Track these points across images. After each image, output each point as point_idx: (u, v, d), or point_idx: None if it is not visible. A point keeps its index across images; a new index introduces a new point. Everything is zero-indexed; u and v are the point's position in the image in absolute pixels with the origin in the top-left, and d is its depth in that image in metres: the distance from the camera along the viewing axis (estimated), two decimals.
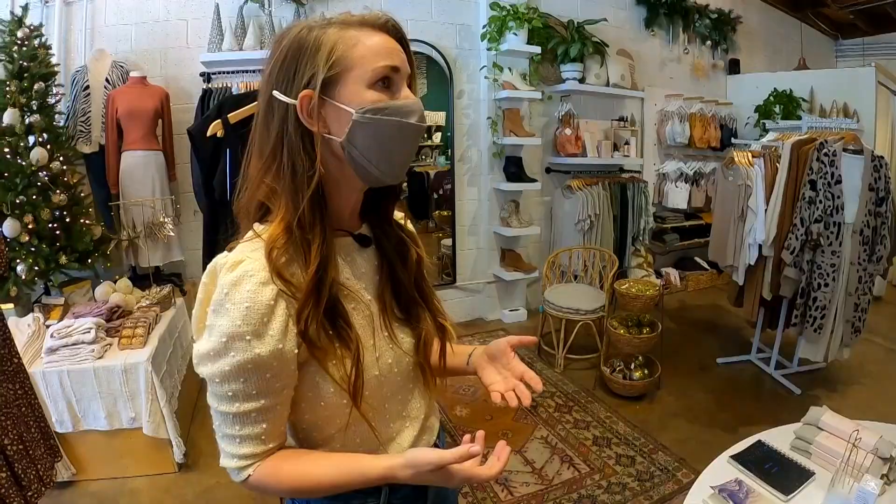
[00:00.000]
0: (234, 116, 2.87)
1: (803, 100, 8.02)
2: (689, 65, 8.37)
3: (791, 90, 8.04)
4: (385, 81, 1.12)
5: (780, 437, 2.48)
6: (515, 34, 6.01)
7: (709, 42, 8.44)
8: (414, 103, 1.15)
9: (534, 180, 6.47)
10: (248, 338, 1.03)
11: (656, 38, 7.97)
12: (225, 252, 1.13)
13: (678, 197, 7.67)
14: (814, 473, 2.22)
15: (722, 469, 2.30)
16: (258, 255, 1.08)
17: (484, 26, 6.12)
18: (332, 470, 1.13)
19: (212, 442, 2.69)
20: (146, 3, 5.22)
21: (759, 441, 2.46)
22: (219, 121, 2.92)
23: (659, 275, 7.76)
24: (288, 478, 1.14)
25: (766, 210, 4.74)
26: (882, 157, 4.58)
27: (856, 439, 2.06)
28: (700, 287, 8.07)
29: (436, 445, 1.42)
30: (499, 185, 6.43)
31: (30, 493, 2.60)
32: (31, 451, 2.68)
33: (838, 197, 4.40)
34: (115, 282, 4.44)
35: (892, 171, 7.62)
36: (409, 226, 1.45)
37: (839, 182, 4.41)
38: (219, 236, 3.13)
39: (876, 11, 9.61)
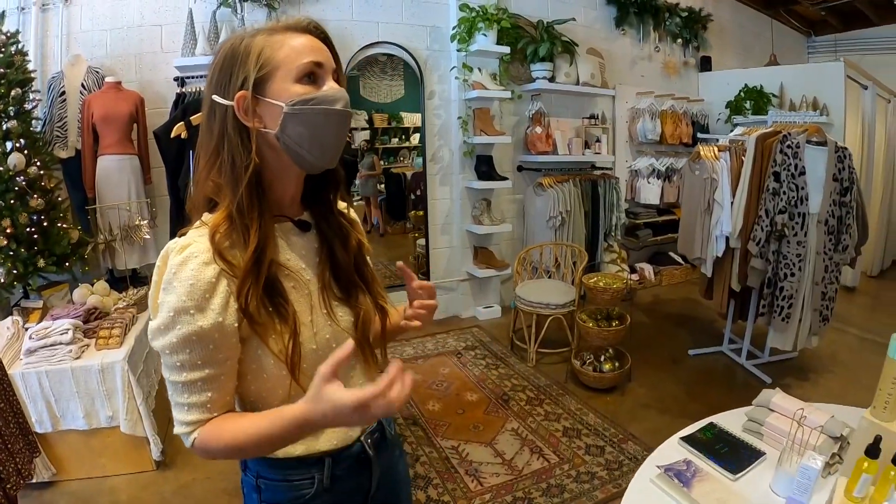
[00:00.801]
0: (196, 119, 3.03)
1: (773, 95, 8.21)
2: (661, 63, 8.54)
3: (761, 86, 8.24)
4: (311, 76, 1.25)
5: (732, 420, 2.53)
6: (485, 35, 6.14)
7: (680, 40, 8.61)
8: (338, 91, 1.27)
9: (504, 178, 6.61)
10: (192, 312, 1.16)
11: (627, 37, 8.13)
12: (176, 238, 1.26)
13: (650, 193, 7.81)
14: (764, 454, 2.27)
15: (672, 450, 2.34)
16: (203, 240, 1.21)
17: (454, 28, 6.25)
18: (261, 421, 1.22)
19: None
20: (121, 9, 5.29)
21: (711, 423, 2.51)
22: (182, 123, 3.08)
23: (633, 270, 7.92)
24: (228, 434, 1.23)
25: (732, 203, 4.87)
26: (846, 149, 4.72)
27: (801, 417, 2.11)
28: (674, 282, 8.21)
29: (380, 423, 1.56)
30: (470, 183, 6.56)
31: (9, 486, 2.71)
32: (9, 446, 2.78)
33: (802, 188, 4.54)
34: (92, 284, 4.52)
35: (864, 162, 7.90)
36: (352, 214, 1.59)
37: (803, 173, 4.55)
38: (182, 223, 3.29)
39: (847, 9, 9.84)
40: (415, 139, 7.07)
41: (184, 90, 5.16)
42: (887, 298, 7.98)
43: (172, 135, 3.21)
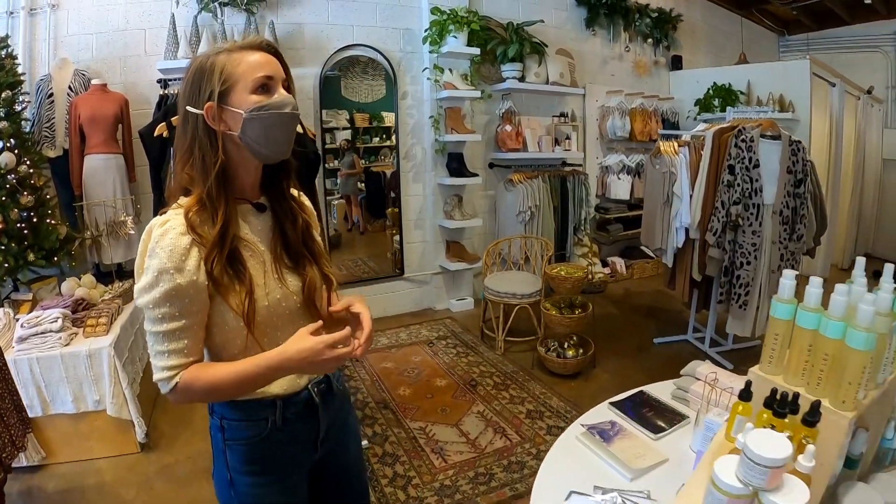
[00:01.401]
0: (176, 120, 3.30)
1: (741, 93, 8.51)
2: (631, 62, 8.84)
3: (730, 84, 8.53)
4: (264, 87, 1.56)
5: (662, 389, 2.72)
6: (455, 37, 6.43)
7: (650, 40, 8.90)
8: (286, 98, 1.59)
9: (475, 175, 6.92)
10: (172, 272, 1.47)
11: (597, 38, 8.43)
12: (158, 216, 1.59)
13: (621, 188, 8.09)
14: (687, 417, 2.44)
15: (600, 413, 2.52)
16: (179, 217, 1.52)
17: (426, 30, 6.53)
18: (242, 367, 1.55)
19: (172, 424, 3.17)
20: (106, 13, 5.49)
21: (641, 391, 2.70)
22: (163, 123, 3.36)
23: (605, 264, 8.24)
24: (207, 376, 1.55)
25: (691, 195, 5.14)
26: (799, 142, 4.98)
27: (713, 380, 2.34)
28: (646, 275, 8.54)
29: (327, 377, 1.87)
30: (442, 180, 6.86)
31: (4, 455, 2.99)
32: (5, 419, 3.07)
33: (756, 180, 4.80)
34: (79, 278, 4.76)
35: (832, 157, 8.31)
36: (304, 199, 1.92)
37: (757, 166, 4.81)
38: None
39: (819, 8, 10.15)
40: (395, 139, 7.29)
41: (167, 92, 5.34)
42: None
43: (155, 134, 3.52)
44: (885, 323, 1.45)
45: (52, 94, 5.17)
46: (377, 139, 7.25)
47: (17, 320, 4.04)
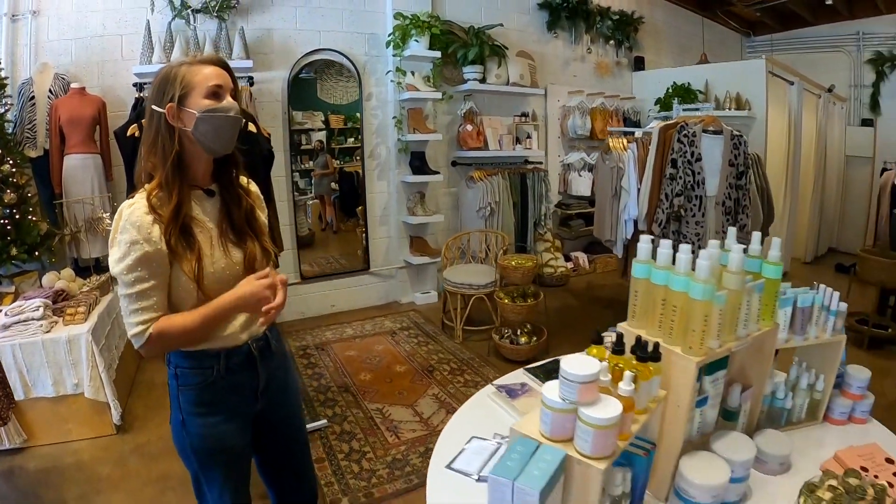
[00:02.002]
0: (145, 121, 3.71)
1: (700, 92, 8.88)
2: (593, 63, 9.26)
3: (689, 83, 8.90)
4: (215, 94, 1.95)
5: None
6: (417, 41, 6.82)
7: (612, 42, 9.32)
8: (231, 104, 1.99)
9: (436, 172, 7.32)
10: (140, 242, 1.83)
11: (559, 40, 8.84)
12: (127, 199, 2.00)
13: (582, 185, 8.46)
14: None
15: (515, 376, 2.70)
16: (143, 199, 1.89)
17: (389, 34, 6.92)
18: (203, 310, 1.93)
19: (146, 408, 3.67)
20: (84, 19, 5.78)
21: (557, 359, 2.72)
22: (136, 124, 3.75)
23: (568, 258, 8.63)
24: (179, 321, 1.91)
25: (639, 189, 5.51)
26: (741, 136, 5.32)
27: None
28: (609, 269, 8.88)
29: (265, 334, 2.28)
30: (405, 177, 7.25)
31: None
32: None
33: (699, 173, 5.14)
34: (59, 272, 5.12)
35: (791, 153, 8.75)
36: (252, 187, 2.34)
37: (699, 159, 5.15)
38: None
39: (782, 9, 10.56)
40: None
41: (142, 95, 5.56)
42: (812, 281, 8.53)
43: (128, 134, 3.91)
44: (736, 280, 1.76)
45: (33, 97, 5.44)
46: (352, 140, 7.50)
47: (1, 310, 4.37)
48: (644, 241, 1.89)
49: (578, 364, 1.47)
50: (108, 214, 5.49)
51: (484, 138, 7.67)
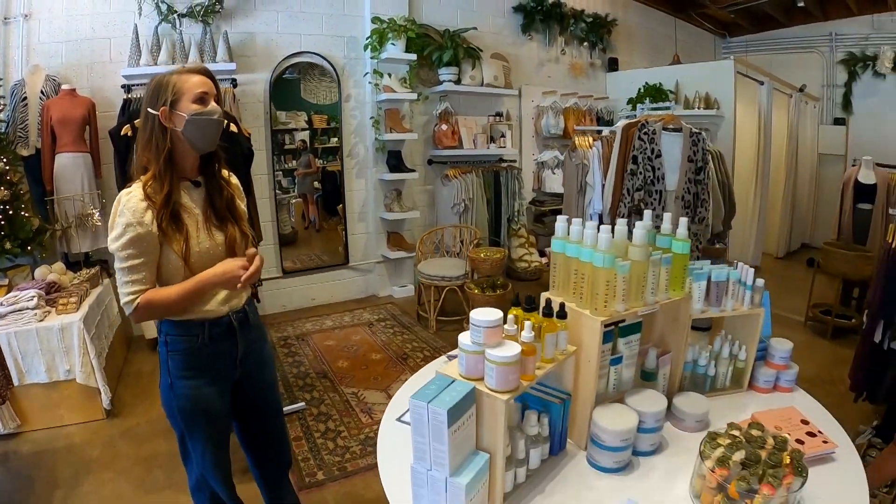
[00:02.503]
0: (139, 122, 3.99)
1: (671, 92, 9.25)
2: (567, 64, 9.63)
3: (661, 83, 9.27)
4: (201, 99, 2.26)
5: None
6: (394, 44, 7.14)
7: (586, 43, 9.69)
8: (215, 108, 2.31)
9: (412, 171, 7.67)
10: (134, 225, 2.14)
11: (534, 42, 9.19)
12: (124, 188, 2.33)
13: (555, 182, 8.80)
14: None
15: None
16: (139, 188, 2.22)
17: (367, 38, 7.25)
18: (184, 284, 2.26)
19: (133, 395, 4.15)
20: (73, 23, 5.99)
21: None
22: (128, 125, 4.06)
23: (542, 254, 8.91)
24: (164, 293, 2.25)
25: (603, 185, 5.83)
26: (700, 133, 5.63)
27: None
28: None
29: (244, 308, 2.63)
30: (382, 175, 7.60)
31: None
32: None
33: (658, 168, 5.46)
34: (50, 266, 5.40)
35: (761, 151, 9.11)
36: (232, 179, 2.67)
37: (659, 156, 5.47)
38: None
39: (756, 11, 10.96)
40: None
41: (130, 96, 5.93)
42: (783, 275, 9.16)
43: (122, 133, 4.22)
44: (640, 252, 2.08)
45: (25, 98, 5.65)
46: (335, 139, 7.75)
47: None
48: (560, 221, 2.26)
49: (484, 313, 1.79)
50: (97, 210, 5.75)
51: (459, 137, 8.00)
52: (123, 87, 6.03)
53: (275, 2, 6.94)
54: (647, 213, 2.33)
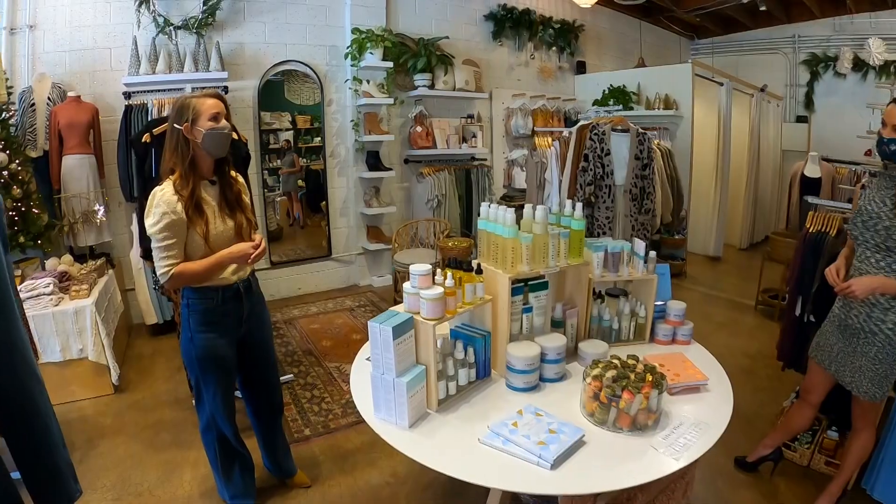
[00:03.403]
0: (157, 130, 4.68)
1: (633, 93, 9.96)
2: (537, 68, 10.36)
3: (624, 85, 9.99)
4: (215, 118, 2.93)
5: None
6: (372, 53, 7.80)
7: (555, 48, 10.41)
8: (224, 125, 2.95)
9: (390, 169, 8.35)
10: (168, 213, 2.78)
11: (504, 47, 9.90)
12: (157, 186, 3.01)
13: (524, 179, 9.24)
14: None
15: None
16: (170, 185, 2.85)
17: (347, 47, 7.90)
18: (207, 259, 2.92)
19: (138, 373, 5.51)
20: (76, 34, 6.44)
21: None
22: (147, 133, 4.75)
23: None
24: (193, 266, 2.90)
25: (560, 181, 6.49)
26: (646, 133, 6.31)
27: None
28: None
29: (248, 278, 3.36)
30: (362, 174, 8.26)
31: None
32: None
33: (608, 165, 6.10)
34: (59, 258, 5.94)
35: (721, 148, 9.82)
36: (238, 178, 3.31)
37: (608, 154, 6.11)
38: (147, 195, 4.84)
39: (721, 14, 11.57)
40: None
41: (130, 102, 6.48)
42: (743, 265, 9.88)
43: (142, 140, 4.81)
44: (539, 227, 2.84)
45: (33, 104, 6.09)
46: (318, 139, 8.31)
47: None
48: (483, 206, 3.00)
49: (418, 267, 2.56)
50: (101, 208, 6.24)
51: (433, 138, 8.69)
52: (124, 94, 6.54)
53: (262, 14, 7.54)
54: (549, 204, 3.09)
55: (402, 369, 2.42)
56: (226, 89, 7.07)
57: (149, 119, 6.27)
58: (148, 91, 6.68)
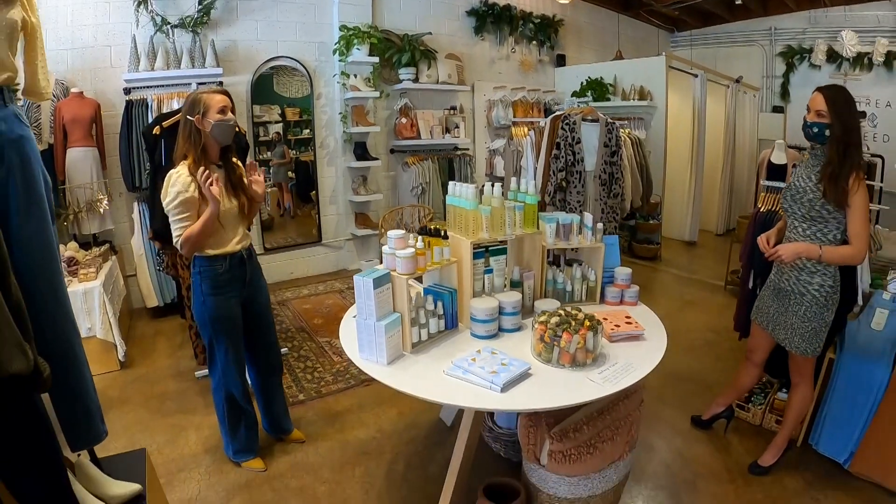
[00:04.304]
0: (166, 123, 5.06)
1: (610, 85, 10.50)
2: (517, 61, 10.90)
3: (602, 77, 10.52)
4: (222, 111, 3.54)
5: None
6: (359, 49, 8.31)
7: (535, 42, 10.96)
8: (230, 118, 3.53)
9: (376, 159, 8.87)
10: (183, 192, 3.35)
11: (486, 42, 10.43)
12: (172, 169, 3.56)
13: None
14: None
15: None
16: (184, 168, 3.42)
17: (335, 43, 8.40)
18: (201, 217, 3.44)
19: (140, 350, 6.06)
20: (77, 32, 6.75)
21: None
22: (158, 126, 5.17)
23: None
24: (191, 228, 3.40)
25: (535, 168, 7.00)
26: (614, 123, 6.86)
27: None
28: None
29: (249, 248, 3.93)
30: (350, 163, 8.78)
31: None
32: None
33: (578, 153, 6.63)
34: (65, 245, 6.27)
35: (696, 137, 10.35)
36: (239, 164, 3.84)
37: (579, 142, 6.63)
38: (157, 185, 5.33)
39: (699, 8, 12.14)
40: None
41: (130, 98, 6.81)
42: (717, 249, 10.37)
43: (153, 132, 5.15)
44: (497, 201, 3.43)
45: None
46: (307, 131, 8.68)
47: None
48: (451, 185, 3.58)
49: (395, 231, 3.16)
50: (105, 197, 6.69)
51: (417, 129, 9.21)
52: (125, 90, 6.88)
53: (254, 12, 7.98)
54: (506, 183, 3.61)
55: (381, 315, 3.01)
56: (221, 84, 7.39)
57: (149, 113, 6.77)
58: (147, 87, 6.98)
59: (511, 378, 2.77)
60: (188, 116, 3.52)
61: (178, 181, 3.43)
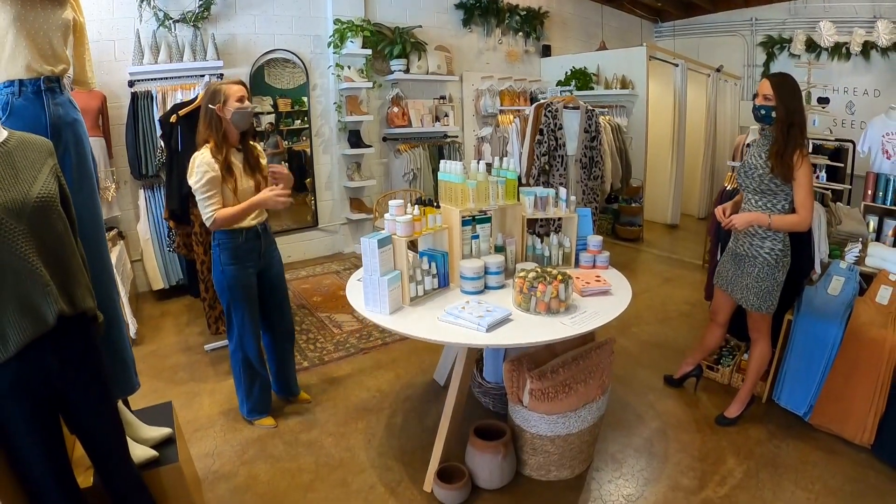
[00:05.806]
0: (182, 112, 5.51)
1: (594, 74, 11.04)
2: (504, 52, 11.39)
3: (585, 67, 11.04)
4: (241, 100, 3.96)
5: None
6: (352, 41, 8.79)
7: (521, 33, 11.45)
8: (248, 105, 3.95)
9: (369, 146, 9.36)
10: (208, 171, 3.81)
11: (474, 34, 10.91)
12: (197, 152, 4.07)
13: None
14: None
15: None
16: (207, 150, 3.88)
17: (330, 36, 8.85)
18: (243, 204, 3.93)
19: (150, 330, 6.60)
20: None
21: None
22: (174, 114, 5.59)
23: None
24: (229, 210, 3.88)
25: (521, 153, 7.48)
26: (594, 110, 7.42)
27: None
28: None
29: (264, 223, 4.39)
30: (344, 151, 9.25)
31: None
32: None
33: (560, 138, 7.17)
34: None
35: (676, 125, 10.79)
36: (258, 146, 4.43)
37: (561, 128, 7.16)
38: (173, 169, 5.78)
39: None
40: None
41: (135, 90, 7.12)
42: (700, 232, 10.66)
43: (170, 120, 5.46)
44: (481, 176, 4.05)
45: None
46: (299, 122, 8.99)
47: None
48: (442, 163, 4.15)
49: (395, 201, 3.72)
50: (112, 185, 7.06)
51: (408, 118, 9.68)
52: (129, 82, 7.18)
53: (252, 7, 8.31)
54: (489, 160, 4.15)
55: (384, 272, 3.58)
56: (221, 77, 7.73)
57: (154, 105, 7.21)
58: (151, 79, 7.31)
59: (495, 321, 3.36)
60: (210, 105, 3.93)
61: (203, 162, 3.86)
